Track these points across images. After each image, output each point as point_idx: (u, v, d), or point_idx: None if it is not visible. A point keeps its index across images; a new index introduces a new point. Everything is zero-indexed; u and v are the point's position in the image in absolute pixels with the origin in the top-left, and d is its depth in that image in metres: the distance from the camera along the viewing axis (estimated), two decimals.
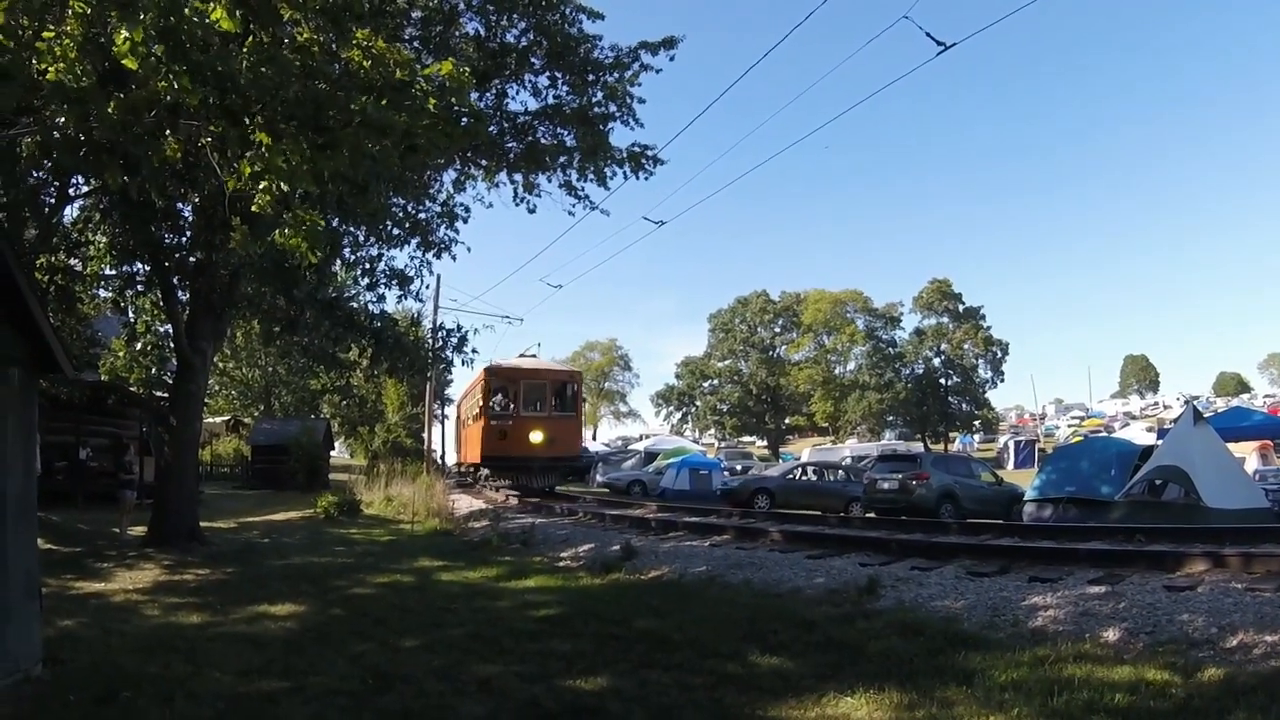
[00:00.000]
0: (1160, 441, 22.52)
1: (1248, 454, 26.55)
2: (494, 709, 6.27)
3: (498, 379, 31.48)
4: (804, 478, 32.29)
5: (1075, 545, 11.73)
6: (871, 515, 23.11)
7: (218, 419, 55.91)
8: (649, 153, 18.29)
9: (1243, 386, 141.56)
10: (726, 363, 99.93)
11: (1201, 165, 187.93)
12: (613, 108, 17.46)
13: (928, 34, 13.02)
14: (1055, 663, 6.74)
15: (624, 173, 18.30)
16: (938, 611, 8.85)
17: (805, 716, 5.90)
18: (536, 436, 30.63)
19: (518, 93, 17.95)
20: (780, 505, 28.40)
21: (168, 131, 9.14)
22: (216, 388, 58.02)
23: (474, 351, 22.98)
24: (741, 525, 16.27)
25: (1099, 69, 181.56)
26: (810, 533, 14.41)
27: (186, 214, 16.28)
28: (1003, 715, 5.61)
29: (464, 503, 29.77)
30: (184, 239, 16.92)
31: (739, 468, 45.40)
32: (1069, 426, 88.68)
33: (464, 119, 10.49)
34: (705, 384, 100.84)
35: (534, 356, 34.98)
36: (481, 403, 31.76)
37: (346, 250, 18.95)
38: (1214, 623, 7.53)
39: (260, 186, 8.08)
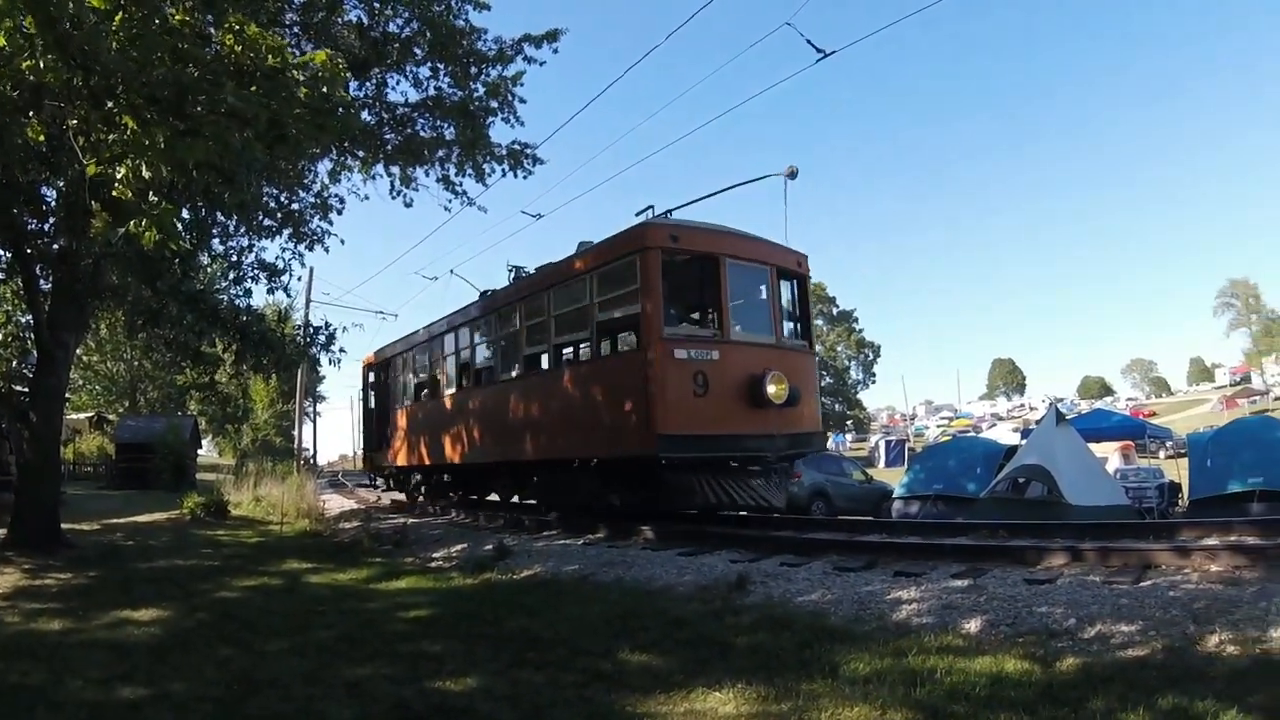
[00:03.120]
0: (1024, 441, 23.23)
1: (1110, 454, 27.55)
2: (363, 712, 6.17)
3: (681, 250, 14.58)
4: None
5: (940, 541, 12.00)
6: (744, 513, 23.37)
7: (81, 415, 54.32)
8: (529, 151, 18.24)
9: (1106, 390, 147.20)
10: None
11: (1073, 179, 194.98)
12: (494, 103, 17.35)
13: (808, 40, 13.22)
14: (918, 654, 6.91)
15: (503, 170, 18.23)
16: (805, 606, 8.97)
17: (673, 712, 5.93)
18: (775, 389, 14.46)
19: (398, 83, 17.71)
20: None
21: (30, 113, 8.86)
22: (80, 382, 56.36)
23: (341, 350, 22.45)
24: (615, 523, 16.25)
25: (974, 78, 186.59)
26: (682, 530, 14.50)
27: (50, 198, 15.76)
28: (866, 705, 5.72)
29: (335, 503, 29.47)
30: (47, 225, 16.38)
31: None
32: (938, 426, 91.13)
33: (338, 110, 10.34)
34: None
35: (670, 218, 15.93)
36: (645, 310, 14.09)
37: (215, 240, 18.51)
38: (1072, 614, 7.80)
39: (120, 174, 7.86)
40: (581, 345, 17.49)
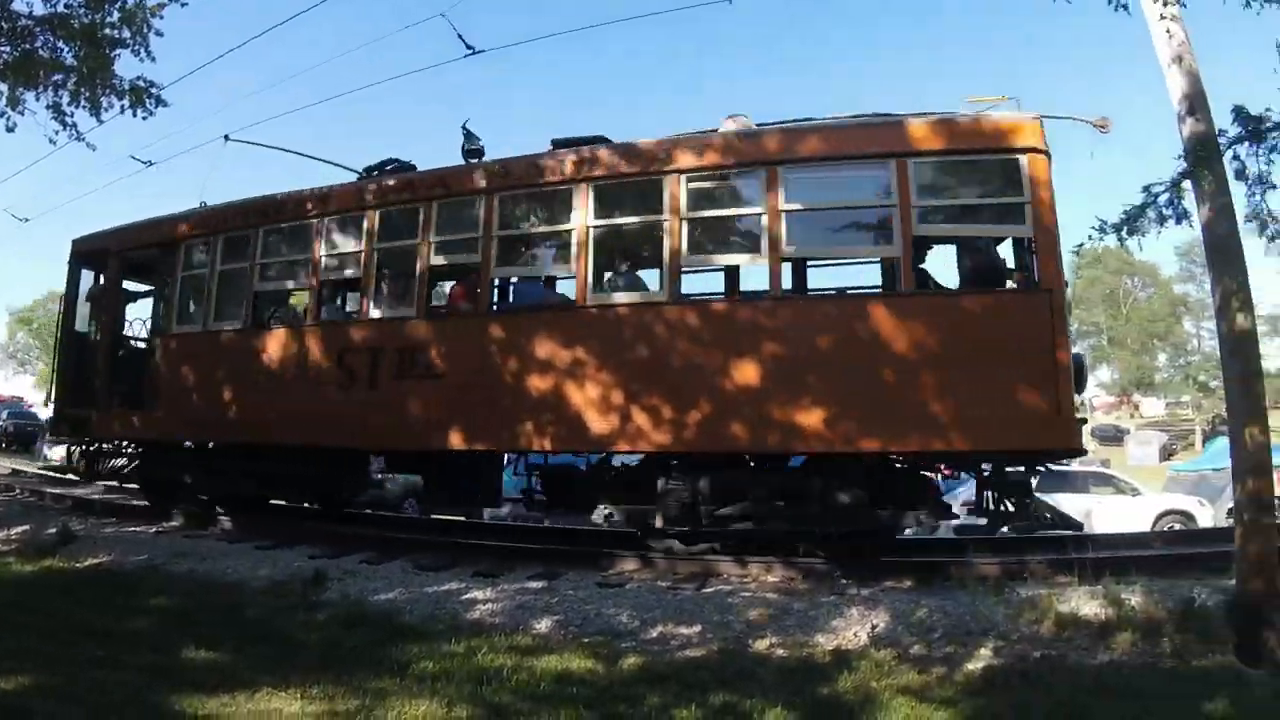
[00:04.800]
0: None
1: None
2: None
3: None
4: None
5: (523, 544, 12.26)
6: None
7: None
8: (154, 90, 17.01)
9: None
10: None
11: None
12: (127, 34, 16.01)
13: (459, 35, 13.03)
14: (489, 653, 7.10)
15: (123, 106, 16.91)
16: (381, 605, 8.94)
17: (238, 712, 5.70)
18: None
19: None
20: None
21: None
22: None
23: None
24: (193, 511, 15.44)
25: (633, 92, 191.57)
26: (262, 522, 14.00)
27: None
28: (433, 703, 5.78)
29: None
30: None
31: None
32: None
33: None
34: None
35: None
36: (1040, 235, 9.76)
37: None
38: (638, 616, 8.29)
39: None
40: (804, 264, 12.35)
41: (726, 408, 10.30)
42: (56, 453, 29.37)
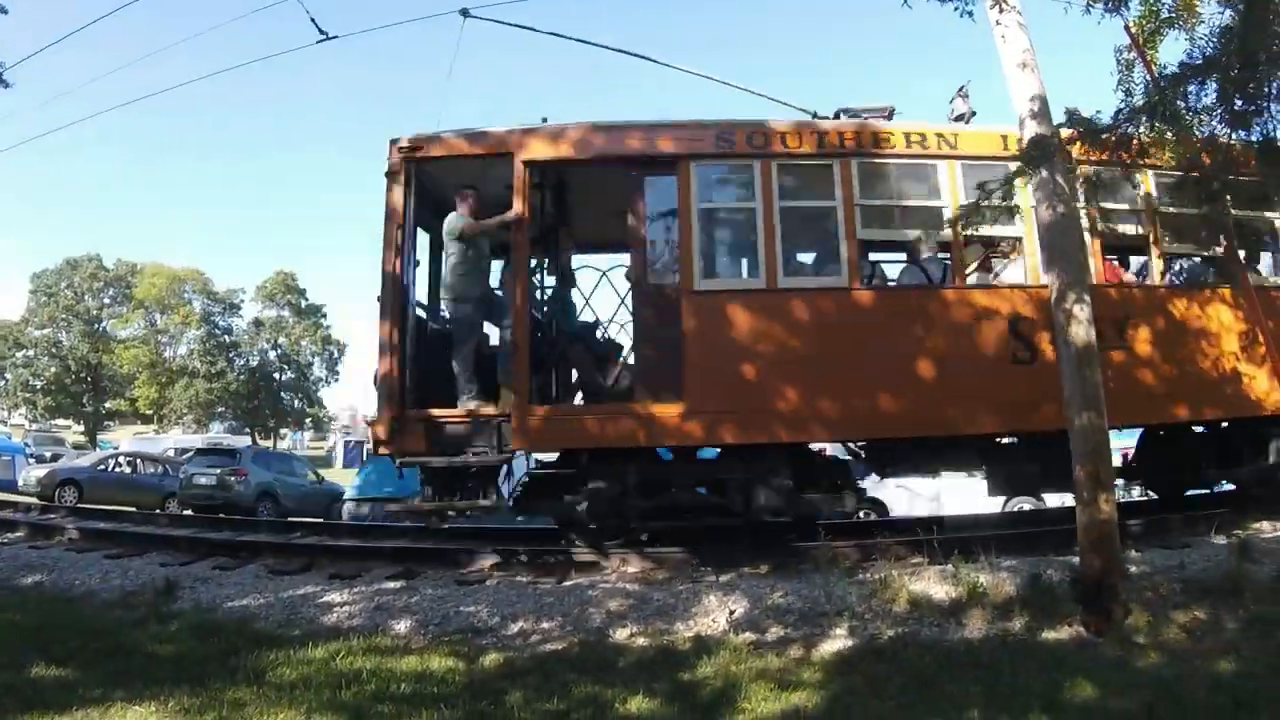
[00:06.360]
0: None
1: None
2: None
3: None
4: (117, 470, 30.29)
5: (380, 544, 12.20)
6: (189, 512, 22.40)
7: None
8: None
9: None
10: (46, 331, 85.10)
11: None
12: None
13: (312, 19, 12.79)
14: (346, 656, 7.06)
15: None
16: (235, 612, 8.75)
17: None
18: None
19: None
20: (89, 499, 26.37)
21: None
22: None
23: None
24: (38, 521, 14.73)
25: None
26: (112, 530, 13.44)
27: None
28: (292, 710, 5.76)
29: None
30: None
31: (48, 455, 41.53)
32: None
33: None
34: (19, 354, 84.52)
35: None
36: None
37: None
38: (498, 612, 8.33)
39: None
40: None
41: None
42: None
